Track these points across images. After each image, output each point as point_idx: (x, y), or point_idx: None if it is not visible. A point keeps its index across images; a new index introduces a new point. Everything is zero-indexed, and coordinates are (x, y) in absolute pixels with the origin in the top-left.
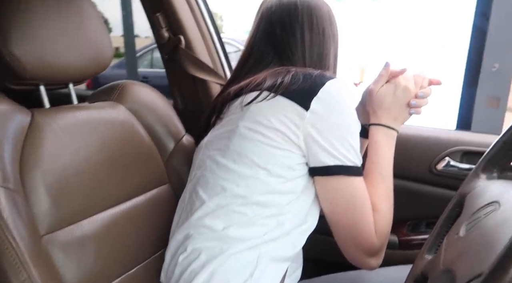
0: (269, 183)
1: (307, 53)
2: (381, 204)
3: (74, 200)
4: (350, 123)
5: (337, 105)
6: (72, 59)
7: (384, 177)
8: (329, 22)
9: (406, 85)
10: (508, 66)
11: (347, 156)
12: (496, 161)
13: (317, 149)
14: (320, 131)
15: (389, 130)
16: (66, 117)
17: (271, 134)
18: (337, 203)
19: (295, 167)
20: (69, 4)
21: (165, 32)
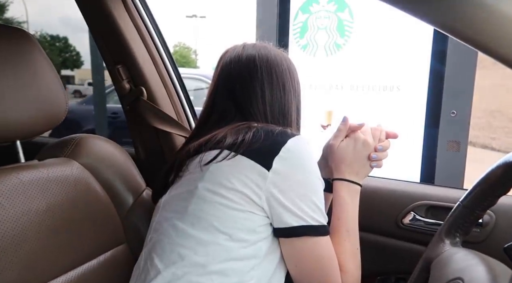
0: (230, 248)
1: (269, 109)
2: (348, 264)
3: (13, 273)
4: (314, 181)
5: (299, 164)
6: (21, 115)
7: (350, 233)
8: (289, 76)
9: (365, 139)
10: (466, 112)
11: (312, 215)
12: (458, 225)
13: (281, 210)
14: (283, 191)
15: (353, 185)
16: (8, 180)
17: (232, 196)
18: (304, 265)
19: (258, 229)
20: (22, 57)
21: (126, 84)
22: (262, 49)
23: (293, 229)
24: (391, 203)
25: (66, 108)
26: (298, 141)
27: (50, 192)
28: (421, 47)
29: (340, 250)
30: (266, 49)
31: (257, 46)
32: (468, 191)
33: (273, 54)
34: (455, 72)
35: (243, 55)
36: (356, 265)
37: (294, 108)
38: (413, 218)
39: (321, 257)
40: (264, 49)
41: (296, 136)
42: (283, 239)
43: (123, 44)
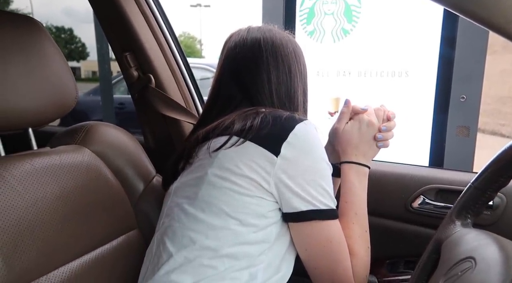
0: (240, 233)
1: (275, 93)
2: (358, 247)
3: (30, 257)
4: (322, 166)
5: (307, 149)
6: (31, 103)
7: (358, 216)
8: (295, 59)
9: (369, 120)
10: (476, 97)
11: (321, 199)
12: (469, 206)
13: (290, 195)
14: (292, 176)
15: (361, 167)
16: (22, 166)
17: (241, 182)
18: (313, 249)
19: (268, 214)
20: (32, 46)
21: (134, 71)
22: (267, 32)
23: (302, 213)
24: (401, 187)
25: (76, 96)
26: (306, 126)
27: (62, 178)
28: (430, 32)
29: (348, 233)
30: (271, 32)
31: (262, 29)
32: (479, 172)
33: (278, 37)
34: (465, 57)
35: (248, 38)
36: (365, 248)
37: (300, 92)
38: (422, 202)
39: (330, 242)
40: (269, 32)
41: (304, 122)
42: (292, 223)
43: (131, 31)
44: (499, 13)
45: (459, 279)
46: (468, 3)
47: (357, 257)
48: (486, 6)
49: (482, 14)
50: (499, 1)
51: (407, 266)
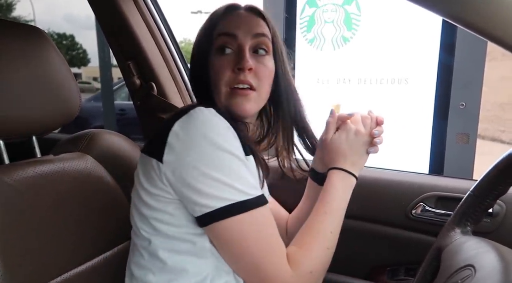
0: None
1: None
2: (309, 240)
3: (32, 263)
4: (211, 156)
5: (190, 143)
6: (36, 112)
7: (327, 216)
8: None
9: (356, 129)
10: (475, 104)
11: (218, 195)
12: (469, 214)
13: (186, 200)
14: (180, 180)
15: (347, 175)
16: (26, 173)
17: (149, 200)
18: (229, 249)
19: (189, 225)
20: (37, 55)
21: (137, 79)
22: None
23: (199, 218)
24: (401, 194)
25: (80, 104)
26: (188, 119)
27: (65, 185)
28: (430, 39)
29: (306, 229)
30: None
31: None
32: (479, 180)
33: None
34: (464, 64)
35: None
36: (322, 246)
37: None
38: (422, 209)
39: (245, 238)
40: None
41: (187, 114)
42: (204, 228)
43: (134, 40)
44: (496, 23)
45: None
46: (466, 14)
47: (304, 249)
48: (483, 17)
49: (480, 24)
50: (497, 12)
51: (408, 273)
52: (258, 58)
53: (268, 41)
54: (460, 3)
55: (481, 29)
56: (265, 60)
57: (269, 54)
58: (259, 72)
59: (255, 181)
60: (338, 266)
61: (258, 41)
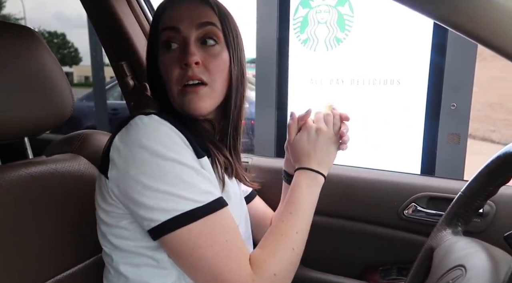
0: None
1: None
2: (272, 242)
3: (24, 264)
4: (151, 167)
5: (128, 159)
6: (28, 113)
7: (292, 216)
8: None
9: (318, 127)
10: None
11: (162, 208)
12: (459, 215)
13: (135, 215)
14: (125, 196)
15: (312, 173)
16: (18, 175)
17: (104, 217)
18: (183, 261)
19: (145, 239)
20: (29, 55)
21: (130, 80)
22: None
23: (150, 233)
24: (393, 194)
25: (72, 104)
26: (126, 131)
27: (58, 187)
28: (421, 41)
29: (271, 231)
30: None
31: None
32: (469, 181)
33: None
34: (455, 65)
35: None
36: (286, 247)
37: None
38: (414, 209)
39: (197, 247)
40: None
41: (126, 126)
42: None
43: (127, 41)
44: (484, 25)
45: None
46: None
47: (268, 252)
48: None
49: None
50: (486, 14)
51: (400, 273)
52: (207, 49)
53: (217, 30)
54: (448, 4)
55: (469, 31)
56: (215, 51)
57: (219, 43)
58: (209, 65)
59: (209, 185)
60: (331, 266)
61: (204, 31)
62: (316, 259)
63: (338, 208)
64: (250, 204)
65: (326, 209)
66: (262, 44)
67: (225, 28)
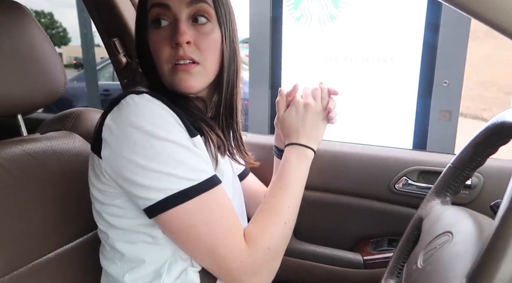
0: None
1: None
2: (265, 217)
3: (21, 240)
4: (144, 146)
5: (120, 138)
6: (20, 90)
7: (283, 191)
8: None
9: (305, 102)
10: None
11: (157, 187)
12: (448, 185)
13: (129, 194)
14: (119, 175)
15: (301, 148)
16: (13, 151)
17: (100, 196)
18: (179, 238)
19: (140, 216)
20: (19, 31)
21: (123, 57)
22: None
23: (146, 210)
24: (384, 169)
25: (65, 81)
26: (118, 110)
27: (53, 164)
28: (415, 18)
29: (263, 206)
30: None
31: None
32: (458, 153)
33: None
34: (448, 43)
35: None
36: (277, 221)
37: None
38: (405, 183)
39: (194, 225)
40: None
41: (117, 105)
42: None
43: (118, 17)
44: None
45: (437, 252)
46: None
47: (261, 227)
48: None
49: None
50: None
51: (391, 244)
52: (198, 27)
53: (208, 7)
54: None
55: (462, 4)
56: (207, 29)
57: (211, 21)
58: (200, 44)
59: (203, 163)
60: (324, 239)
61: (196, 9)
62: (309, 232)
63: (330, 182)
64: (244, 181)
65: (319, 183)
66: (255, 22)
67: (217, 5)
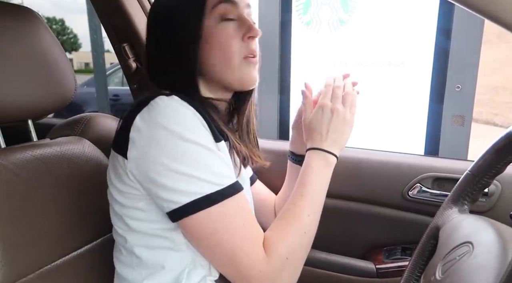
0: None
1: (153, 68)
2: (284, 225)
3: (32, 245)
4: (174, 149)
5: (150, 139)
6: (31, 95)
7: (304, 198)
8: (172, 19)
9: (333, 107)
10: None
11: (184, 190)
12: (466, 193)
13: (154, 196)
14: (145, 176)
15: (323, 153)
16: (23, 156)
17: (120, 197)
18: (201, 243)
19: (162, 220)
20: (31, 37)
21: (133, 63)
22: None
23: (169, 214)
24: (397, 175)
25: (75, 87)
26: (148, 111)
27: (63, 169)
28: (426, 22)
29: (282, 213)
30: None
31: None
32: (477, 159)
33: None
34: (461, 47)
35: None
36: (298, 231)
37: (174, 60)
38: (419, 190)
39: (215, 231)
40: None
41: (147, 106)
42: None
43: (129, 22)
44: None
45: (457, 263)
46: None
47: (280, 236)
48: None
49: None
50: None
51: (404, 253)
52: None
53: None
54: None
55: (476, 6)
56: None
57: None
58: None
59: (227, 169)
60: (336, 246)
61: (248, 12)
62: (321, 240)
63: (342, 189)
64: (252, 188)
65: (330, 190)
66: (264, 27)
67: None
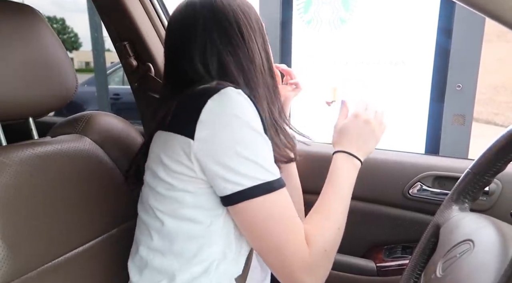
0: (185, 230)
1: (210, 64)
2: (322, 220)
3: (33, 243)
4: (246, 135)
5: (224, 122)
6: (32, 93)
7: (336, 196)
8: (236, 25)
9: (366, 118)
10: (471, 85)
11: (249, 174)
12: (467, 191)
13: (214, 178)
14: (212, 158)
15: (350, 157)
16: (23, 154)
17: (169, 178)
18: (252, 229)
19: (207, 205)
20: (31, 35)
21: (133, 61)
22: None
23: (229, 197)
24: (398, 174)
25: (76, 85)
26: (220, 97)
27: (63, 166)
28: (427, 21)
29: (319, 209)
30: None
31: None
32: (477, 157)
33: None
34: (461, 46)
35: (184, 7)
36: (333, 227)
37: (234, 61)
38: (419, 188)
39: (269, 218)
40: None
41: (219, 93)
42: (228, 207)
43: (130, 21)
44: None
45: (457, 261)
46: None
47: (319, 230)
48: None
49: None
50: None
51: (405, 251)
52: None
53: None
54: None
55: (478, 4)
56: None
57: None
58: None
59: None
60: None
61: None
62: None
63: None
64: None
65: None
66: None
67: None
